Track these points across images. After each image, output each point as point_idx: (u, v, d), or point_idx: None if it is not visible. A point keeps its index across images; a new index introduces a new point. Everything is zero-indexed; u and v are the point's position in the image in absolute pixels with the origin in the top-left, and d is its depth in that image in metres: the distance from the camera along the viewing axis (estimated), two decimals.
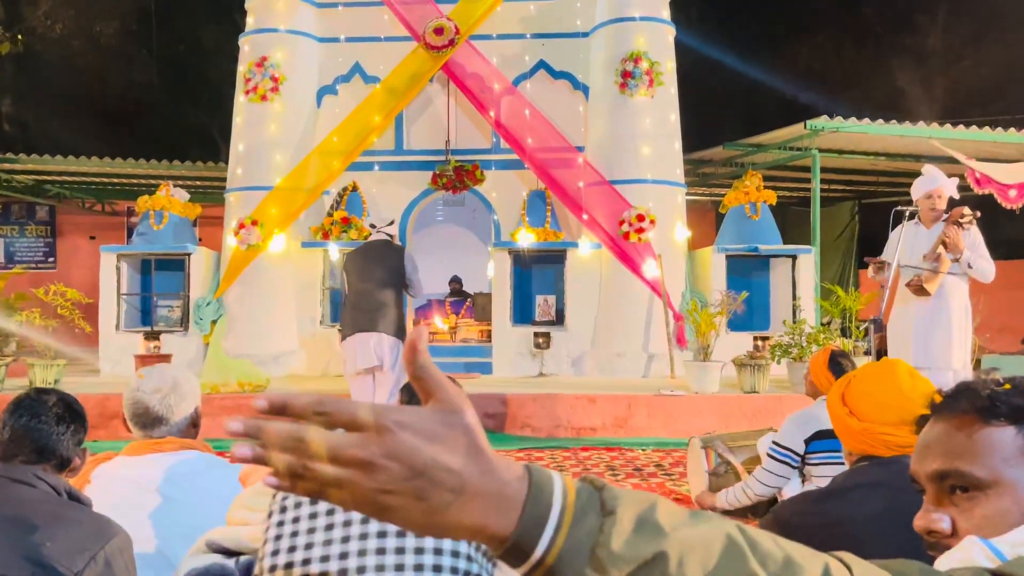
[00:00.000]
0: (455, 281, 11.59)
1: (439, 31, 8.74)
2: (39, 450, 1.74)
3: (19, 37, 11.54)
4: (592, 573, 0.58)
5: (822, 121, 8.61)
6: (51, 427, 1.77)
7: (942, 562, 0.86)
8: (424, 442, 0.57)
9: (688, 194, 9.52)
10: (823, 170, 9.78)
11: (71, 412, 1.83)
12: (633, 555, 0.58)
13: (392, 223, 7.60)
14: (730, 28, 15.22)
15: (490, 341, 9.02)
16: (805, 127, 8.70)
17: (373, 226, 6.84)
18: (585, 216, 8.63)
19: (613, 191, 8.53)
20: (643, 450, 6.26)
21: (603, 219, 8.55)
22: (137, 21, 16.50)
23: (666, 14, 9.04)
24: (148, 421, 2.05)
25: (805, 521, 1.78)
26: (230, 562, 1.31)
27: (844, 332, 8.14)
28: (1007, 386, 0.95)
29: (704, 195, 13.23)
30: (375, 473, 0.56)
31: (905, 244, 5.13)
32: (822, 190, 9.92)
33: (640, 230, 8.38)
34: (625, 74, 8.68)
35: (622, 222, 8.42)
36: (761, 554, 0.62)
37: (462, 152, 9.18)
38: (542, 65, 9.21)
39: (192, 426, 2.16)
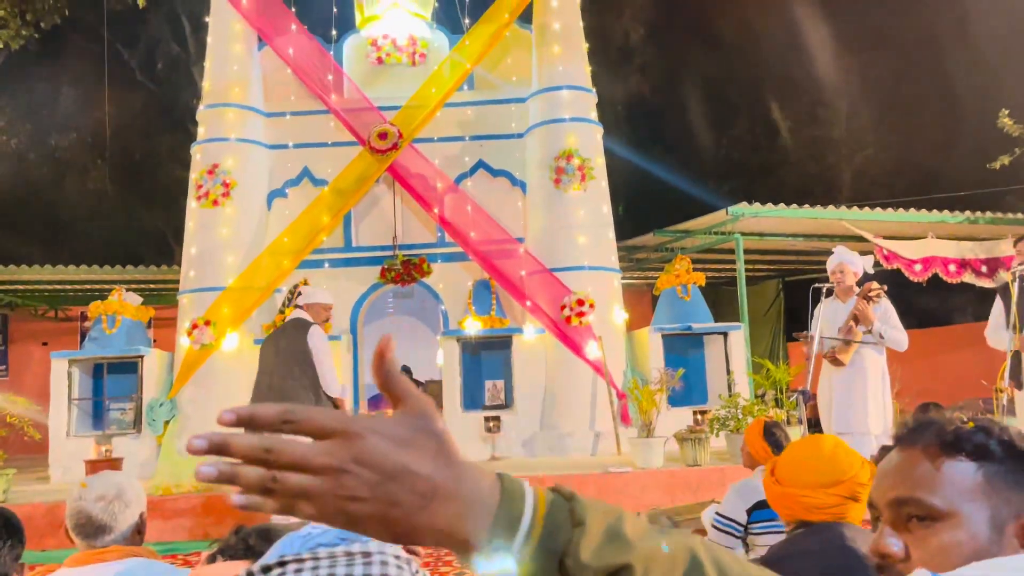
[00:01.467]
0: (405, 371, 11.82)
1: (383, 135, 9.29)
2: None
3: None
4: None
5: (742, 207, 9.26)
6: (5, 547, 1.74)
7: None
8: (394, 447, 0.56)
9: (624, 278, 10.02)
10: (747, 251, 10.40)
11: (9, 527, 1.79)
12: (600, 565, 0.59)
13: (297, 292, 7.22)
14: (656, 125, 16.23)
15: None
16: (727, 213, 9.33)
17: (289, 299, 6.93)
18: (528, 303, 9.04)
19: (553, 278, 8.99)
20: None
21: (545, 305, 8.97)
22: (92, 133, 16.95)
23: (594, 115, 9.74)
24: (91, 531, 2.01)
25: None
26: None
27: (777, 403, 8.55)
28: (970, 424, 0.97)
29: (639, 279, 13.81)
30: (345, 479, 0.55)
31: (824, 318, 5.47)
32: (747, 270, 10.54)
33: (581, 314, 8.80)
34: (559, 170, 9.27)
35: (563, 307, 8.84)
36: (724, 571, 0.63)
37: (409, 247, 9.60)
38: (481, 164, 9.78)
39: (137, 533, 2.11)
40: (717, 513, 3.61)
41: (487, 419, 8.86)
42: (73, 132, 17.17)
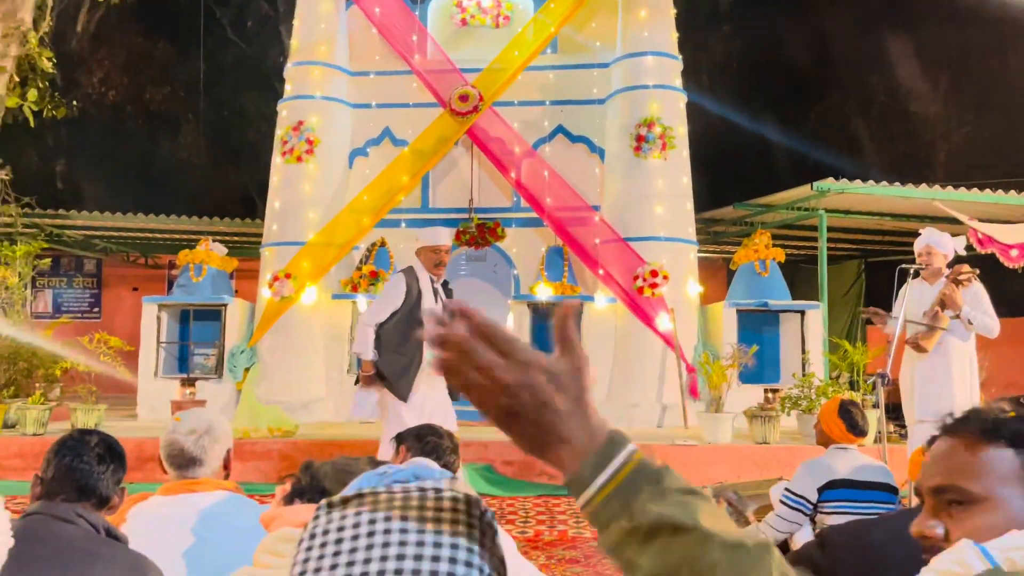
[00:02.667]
0: None
1: (464, 98, 9.32)
2: (80, 489, 1.76)
3: (75, 103, 12.36)
4: (625, 520, 0.72)
5: (828, 183, 8.97)
6: (92, 467, 1.79)
7: (936, 560, 0.95)
8: (549, 386, 0.72)
9: (700, 251, 9.87)
10: (830, 229, 10.08)
11: (112, 452, 1.86)
12: (660, 515, 0.71)
13: None
14: (742, 94, 15.76)
15: None
16: (812, 188, 9.05)
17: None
18: (601, 271, 9.01)
19: (628, 248, 8.92)
20: None
21: (618, 274, 8.93)
22: (185, 88, 17.53)
23: (678, 82, 9.55)
24: (183, 462, 2.11)
25: (849, 542, 1.90)
26: None
27: (852, 385, 8.34)
28: (1012, 413, 1.01)
29: (715, 252, 13.56)
30: (507, 395, 0.72)
31: (910, 301, 5.27)
32: (829, 248, 10.22)
33: (654, 285, 8.72)
34: (639, 138, 9.15)
35: (636, 277, 8.78)
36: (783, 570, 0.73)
37: (485, 210, 9.65)
38: (560, 130, 9.73)
39: (224, 467, 2.21)
40: (786, 489, 3.60)
41: None
42: (167, 87, 17.80)
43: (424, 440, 2.33)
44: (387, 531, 0.75)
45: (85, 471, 1.78)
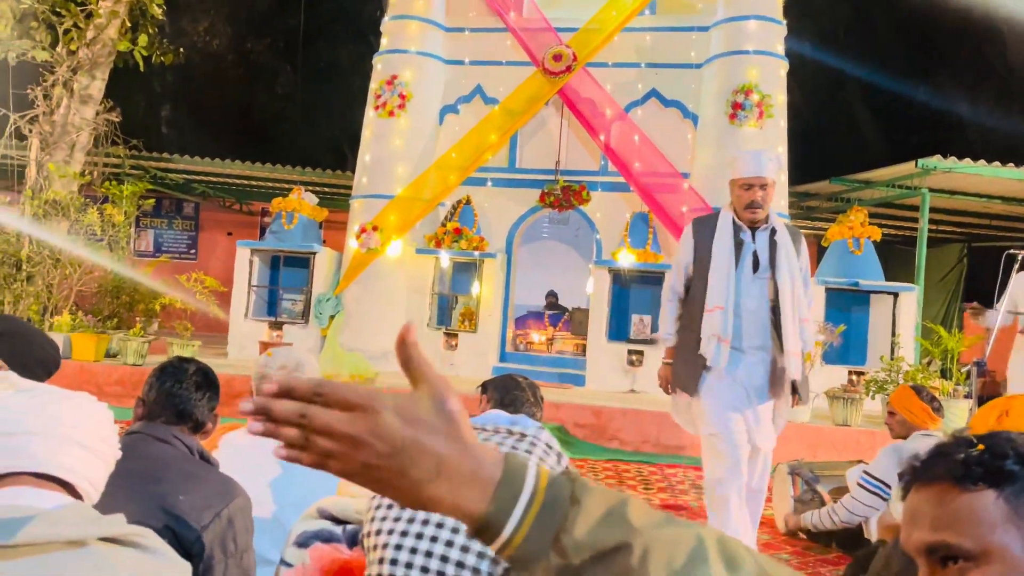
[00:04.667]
0: (551, 295, 11.99)
1: (558, 57, 9.22)
2: (178, 413, 1.86)
3: (180, 50, 12.81)
4: (555, 557, 0.62)
5: (934, 160, 8.52)
6: (190, 393, 1.88)
7: None
8: (406, 424, 0.62)
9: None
10: (932, 210, 9.62)
11: (207, 381, 1.95)
12: (594, 542, 0.62)
13: None
14: (845, 63, 15.04)
15: (584, 355, 9.35)
16: (916, 165, 8.62)
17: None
18: None
19: None
20: None
21: None
22: (284, 40, 17.93)
23: (780, 49, 9.19)
24: None
25: None
26: (338, 529, 1.40)
27: (944, 374, 8.00)
28: (980, 447, 0.89)
29: (807, 227, 13.12)
30: (362, 448, 0.62)
31: (1018, 289, 4.97)
32: (930, 230, 9.76)
33: None
34: (735, 105, 8.88)
35: None
36: (731, 561, 0.63)
37: (571, 173, 9.59)
38: (654, 93, 9.52)
39: None
40: (865, 472, 3.54)
41: (631, 352, 8.88)
42: (267, 37, 18.24)
43: (505, 391, 2.36)
44: None
45: (183, 396, 1.87)
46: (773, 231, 3.48)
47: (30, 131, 10.57)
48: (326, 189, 13.25)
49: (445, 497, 0.63)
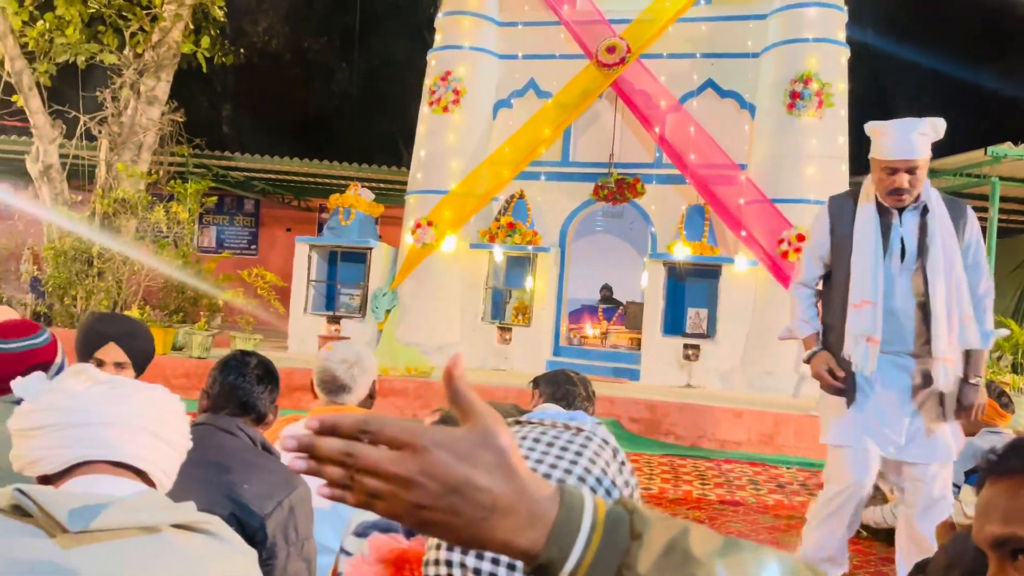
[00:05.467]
0: (605, 289, 11.94)
1: (611, 50, 9.16)
2: (241, 405, 1.91)
3: (241, 51, 13.12)
4: None
5: (1005, 148, 8.20)
6: (252, 385, 1.93)
7: None
8: (457, 461, 0.59)
9: None
10: (1003, 199, 9.25)
11: (268, 373, 2.00)
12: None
13: None
14: (909, 49, 14.57)
15: (639, 349, 9.28)
16: (986, 153, 8.31)
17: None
18: (743, 233, 8.72)
19: (774, 209, 8.57)
20: (787, 468, 6.30)
21: (762, 237, 8.61)
22: (340, 38, 18.21)
23: (841, 35, 8.96)
24: (334, 388, 2.28)
25: None
26: None
27: (1015, 368, 7.73)
28: None
29: None
30: (412, 488, 0.59)
31: None
32: (1000, 220, 9.40)
33: (799, 250, 8.35)
34: (794, 95, 8.69)
35: (781, 241, 8.43)
36: None
37: (625, 166, 9.52)
38: (710, 84, 9.38)
39: (369, 397, 2.38)
40: None
41: (686, 347, 8.79)
42: (324, 36, 18.55)
43: (558, 386, 2.36)
44: (539, 442, 0.83)
45: (245, 389, 1.92)
46: (925, 209, 2.86)
47: (100, 132, 10.97)
48: (382, 185, 13.42)
49: (499, 536, 0.60)
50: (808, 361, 3.05)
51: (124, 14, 11.29)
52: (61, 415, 1.05)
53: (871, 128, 2.88)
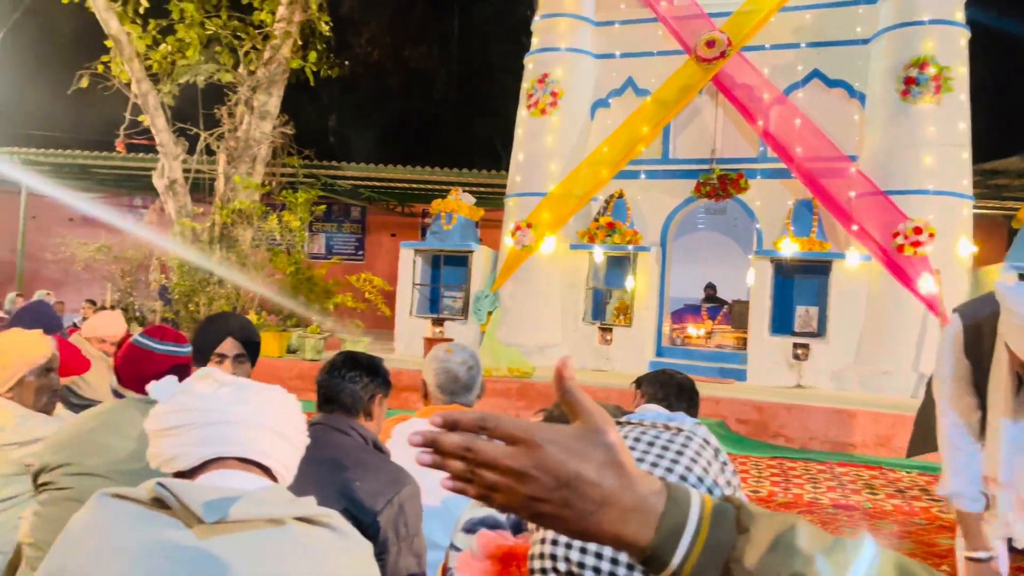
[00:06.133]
0: (709, 287, 11.68)
1: (711, 44, 8.97)
2: (346, 405, 1.96)
3: (345, 63, 13.60)
4: None
5: None
6: (359, 385, 1.98)
7: None
8: (569, 457, 0.62)
9: (976, 207, 8.80)
10: None
11: (373, 371, 2.03)
12: (766, 572, 0.60)
13: None
14: None
15: (745, 348, 9.05)
16: None
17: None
18: (855, 227, 8.36)
19: (888, 202, 8.18)
20: (907, 472, 6.02)
21: (875, 230, 8.23)
22: (439, 45, 18.60)
23: (960, 16, 8.46)
24: (457, 388, 2.30)
25: None
26: (502, 516, 1.41)
27: None
28: None
29: (995, 208, 11.97)
30: (527, 482, 0.62)
31: None
32: None
33: (917, 243, 7.95)
34: (908, 80, 8.28)
35: (896, 234, 8.05)
36: None
37: (727, 161, 9.30)
38: (816, 74, 9.05)
39: (477, 397, 2.40)
40: None
41: (795, 346, 8.51)
42: (424, 44, 18.98)
43: (660, 386, 2.35)
44: (640, 441, 0.85)
45: (351, 389, 1.97)
46: None
47: (218, 147, 11.61)
48: (482, 189, 13.61)
49: (609, 529, 0.62)
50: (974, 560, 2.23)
51: (238, 34, 11.91)
52: (192, 416, 1.13)
53: (1000, 295, 2.01)
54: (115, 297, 11.55)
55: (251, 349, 2.50)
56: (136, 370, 1.96)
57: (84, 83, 11.74)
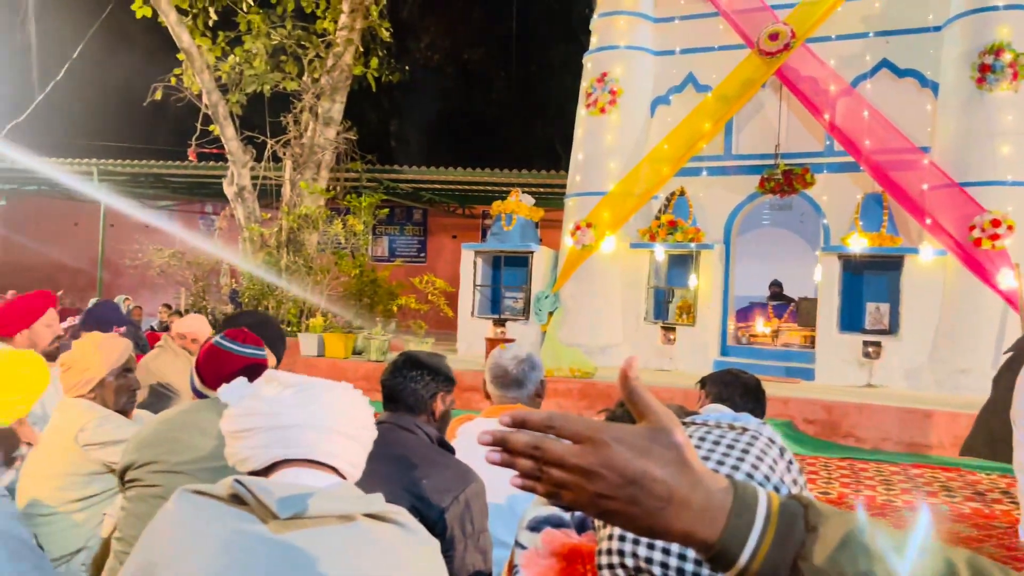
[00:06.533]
0: (775, 285, 11.44)
1: (774, 36, 8.79)
2: (408, 404, 2.01)
3: (406, 68, 13.80)
4: None
5: None
6: (421, 384, 2.03)
7: None
8: (636, 455, 0.63)
9: None
10: None
11: (437, 373, 2.08)
12: (835, 571, 0.60)
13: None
14: None
15: (813, 347, 8.84)
16: None
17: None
18: (928, 221, 8.09)
19: (963, 194, 7.89)
20: (986, 474, 5.80)
21: (949, 224, 7.94)
22: (498, 47, 18.70)
23: None
24: (507, 383, 2.38)
25: None
26: (566, 515, 1.43)
27: None
28: None
29: None
30: (594, 480, 0.63)
31: None
32: None
33: (995, 236, 7.64)
34: (983, 68, 7.96)
35: (973, 227, 7.75)
36: None
37: (792, 156, 9.11)
38: (885, 64, 8.78)
39: (537, 396, 2.43)
40: None
41: (866, 344, 8.27)
42: (482, 46, 19.11)
43: (725, 386, 2.33)
44: (704, 440, 0.85)
45: (413, 389, 2.02)
46: None
47: (284, 154, 11.92)
48: (541, 189, 13.63)
49: (676, 525, 0.63)
50: None
51: (303, 43, 12.21)
52: (258, 420, 1.18)
53: None
54: (189, 301, 11.96)
55: (273, 343, 2.55)
56: (215, 370, 2.04)
57: (158, 95, 12.20)
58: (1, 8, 14.64)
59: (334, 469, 1.20)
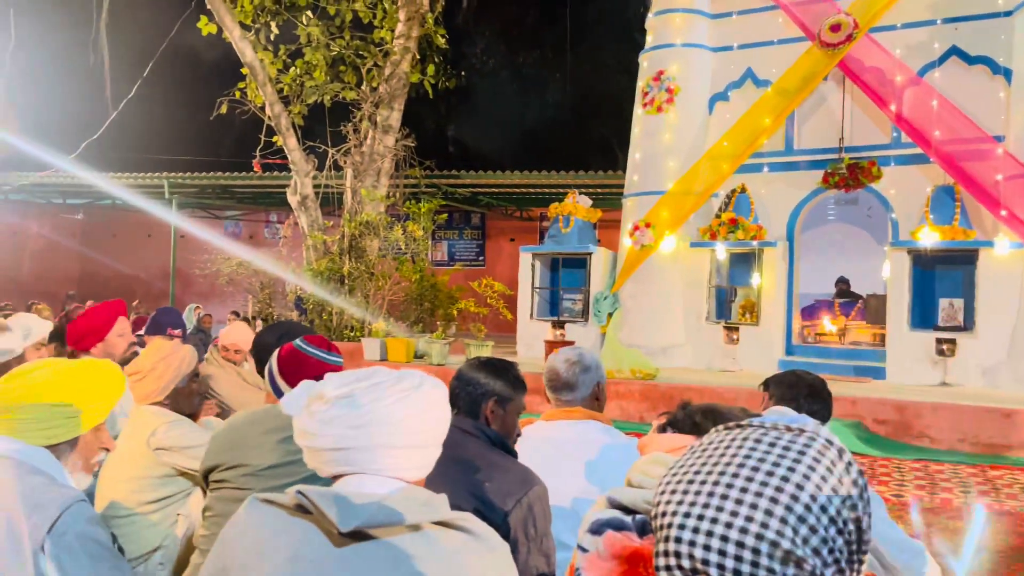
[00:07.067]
0: (842, 282, 11.14)
1: (836, 27, 8.58)
2: (467, 407, 2.03)
3: (462, 74, 13.92)
4: None
5: None
6: (476, 388, 2.05)
7: None
8: None
9: None
10: None
11: (498, 374, 2.09)
12: None
13: None
14: None
15: (883, 345, 8.58)
16: None
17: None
18: (1004, 212, 7.77)
19: None
20: None
21: None
22: (552, 49, 18.72)
23: None
24: (558, 385, 2.37)
25: None
26: (628, 518, 1.40)
27: None
28: None
29: None
30: None
31: None
32: None
33: None
34: None
35: None
36: None
37: (857, 149, 8.86)
38: (954, 51, 8.48)
39: (595, 399, 2.40)
40: None
41: (939, 341, 7.99)
42: (536, 49, 19.15)
43: (788, 387, 2.29)
44: (761, 443, 0.84)
45: (469, 392, 2.04)
46: None
47: (345, 162, 12.14)
48: (599, 190, 13.57)
49: None
50: None
51: (361, 53, 12.43)
52: (310, 440, 1.16)
53: None
54: (256, 308, 12.29)
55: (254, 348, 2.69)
56: (293, 371, 2.12)
57: (223, 109, 12.58)
58: (74, 30, 15.32)
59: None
